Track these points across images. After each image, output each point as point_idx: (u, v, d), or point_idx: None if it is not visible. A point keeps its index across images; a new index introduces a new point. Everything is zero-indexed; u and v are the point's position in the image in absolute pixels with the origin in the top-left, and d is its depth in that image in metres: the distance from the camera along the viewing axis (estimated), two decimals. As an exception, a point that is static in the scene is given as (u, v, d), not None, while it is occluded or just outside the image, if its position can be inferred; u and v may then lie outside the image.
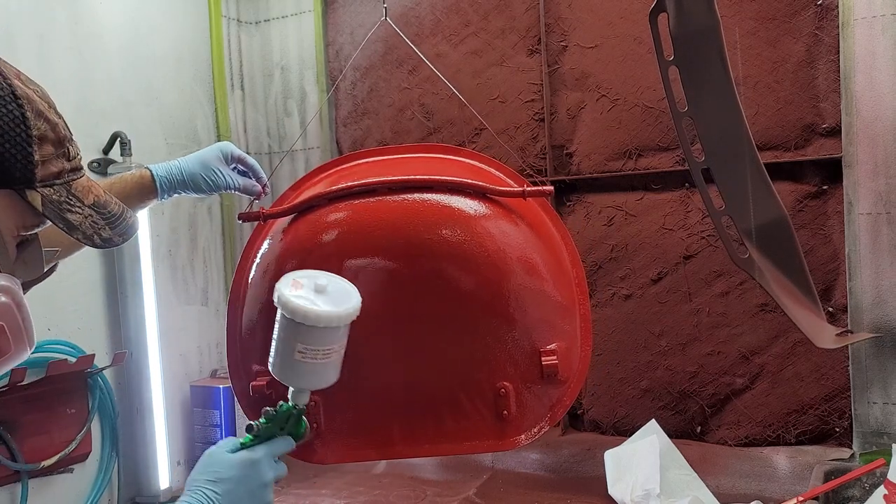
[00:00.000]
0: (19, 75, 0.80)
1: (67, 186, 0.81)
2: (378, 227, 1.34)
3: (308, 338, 0.99)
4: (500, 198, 1.32)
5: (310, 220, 1.32)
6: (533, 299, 1.30)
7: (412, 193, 1.34)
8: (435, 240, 1.30)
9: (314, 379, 1.03)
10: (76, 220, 0.82)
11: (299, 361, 1.00)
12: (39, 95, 0.81)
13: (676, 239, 2.03)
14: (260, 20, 2.59)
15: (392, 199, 1.36)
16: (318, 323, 0.97)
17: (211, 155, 1.33)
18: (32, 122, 0.77)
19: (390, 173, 1.38)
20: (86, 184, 0.85)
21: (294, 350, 0.99)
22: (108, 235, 0.86)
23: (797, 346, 1.91)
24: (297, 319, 0.97)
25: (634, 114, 2.06)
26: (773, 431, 1.96)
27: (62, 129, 0.82)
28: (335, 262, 1.28)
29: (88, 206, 0.84)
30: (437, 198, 1.33)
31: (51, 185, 0.79)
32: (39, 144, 0.78)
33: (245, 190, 1.34)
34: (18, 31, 1.84)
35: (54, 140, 0.80)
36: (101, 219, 0.85)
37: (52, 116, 0.80)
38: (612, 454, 1.90)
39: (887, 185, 1.77)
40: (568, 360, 1.31)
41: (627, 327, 2.10)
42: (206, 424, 2.18)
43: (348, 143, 2.49)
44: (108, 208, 0.87)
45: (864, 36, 1.78)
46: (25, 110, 0.77)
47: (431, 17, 2.31)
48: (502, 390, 1.29)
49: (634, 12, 2.02)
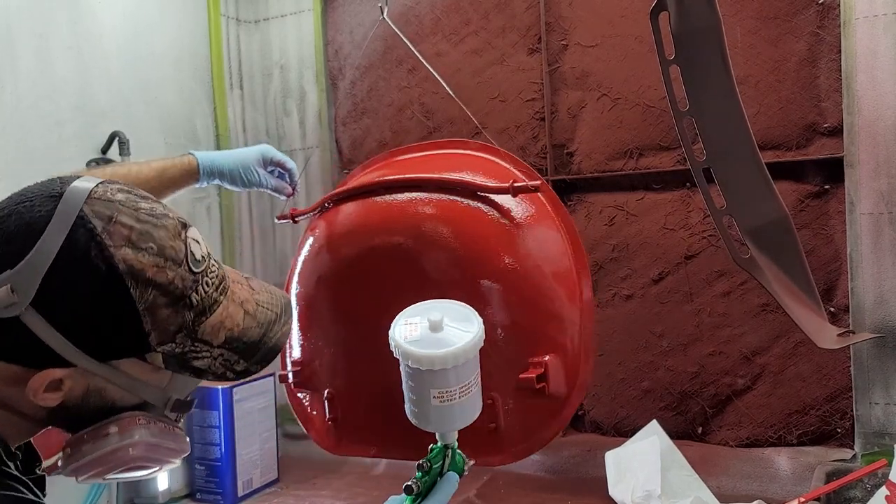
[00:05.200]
0: (130, 233, 0.71)
1: (192, 335, 0.75)
2: (370, 227, 1.38)
3: (441, 381, 0.92)
4: (494, 197, 1.30)
5: (326, 217, 1.43)
6: (520, 306, 1.25)
7: (404, 193, 1.36)
8: (420, 238, 1.31)
9: (459, 418, 0.96)
10: (204, 365, 0.77)
11: (439, 406, 0.93)
12: (154, 251, 0.72)
13: (677, 239, 2.03)
14: (259, 19, 2.58)
15: (386, 199, 1.38)
16: (446, 365, 0.90)
17: (251, 157, 1.42)
18: (138, 296, 0.70)
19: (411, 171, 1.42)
20: (219, 318, 0.77)
21: (430, 397, 0.93)
22: (242, 368, 0.80)
23: (799, 347, 1.91)
24: (423, 367, 0.90)
25: (635, 113, 2.05)
26: (774, 432, 1.95)
27: (183, 279, 0.74)
28: (341, 259, 1.33)
29: (219, 345, 0.78)
30: (427, 196, 1.34)
31: (172, 341, 0.74)
32: (150, 315, 0.72)
33: (276, 190, 1.45)
34: (18, 31, 1.83)
35: (171, 300, 0.73)
36: (235, 353, 0.79)
37: (170, 272, 0.73)
38: (612, 455, 1.89)
39: (889, 185, 1.76)
40: (560, 374, 1.24)
41: (628, 327, 2.10)
42: (205, 425, 2.17)
43: (348, 143, 2.48)
44: (244, 338, 0.80)
45: (866, 35, 1.77)
46: (129, 286, 0.70)
47: (431, 16, 2.30)
48: (489, 400, 1.26)
49: (635, 11, 2.02)
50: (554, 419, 1.26)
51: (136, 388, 0.76)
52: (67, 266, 0.69)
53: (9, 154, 1.81)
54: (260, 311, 0.82)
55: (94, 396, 0.75)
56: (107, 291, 0.70)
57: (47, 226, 0.69)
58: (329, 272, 1.44)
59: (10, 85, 1.80)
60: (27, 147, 1.85)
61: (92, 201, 0.72)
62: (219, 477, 2.14)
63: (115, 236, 0.71)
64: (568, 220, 1.30)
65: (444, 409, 0.93)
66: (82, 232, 0.70)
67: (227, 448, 2.14)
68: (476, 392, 0.96)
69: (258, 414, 2.27)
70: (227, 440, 2.15)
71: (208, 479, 2.16)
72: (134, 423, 0.76)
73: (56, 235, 0.69)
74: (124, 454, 0.76)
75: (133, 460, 0.77)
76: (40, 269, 0.68)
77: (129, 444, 0.75)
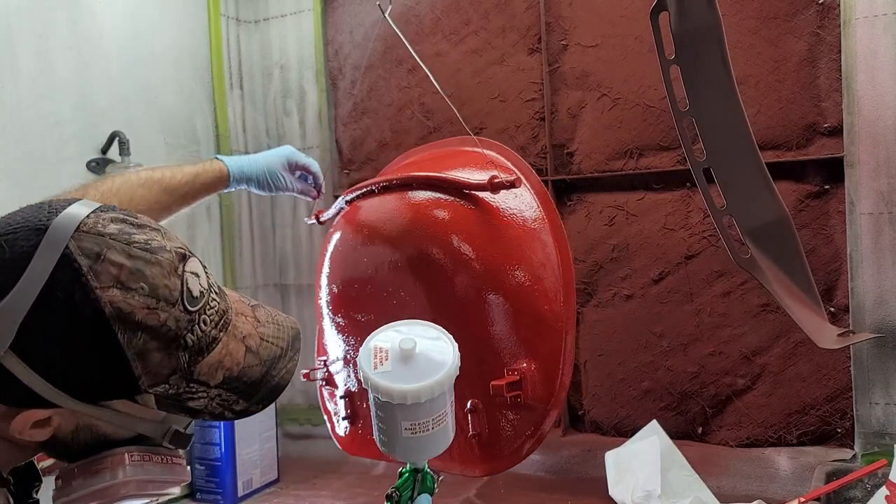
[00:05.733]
0: (120, 273, 0.66)
1: (187, 377, 0.71)
2: (366, 226, 1.38)
3: (412, 415, 0.86)
4: (479, 195, 1.28)
5: (345, 216, 1.47)
6: (498, 309, 1.21)
7: (397, 192, 1.37)
8: (408, 236, 1.32)
9: (430, 449, 0.92)
10: (200, 406, 0.74)
11: (410, 438, 0.88)
12: (146, 292, 0.67)
13: (678, 239, 2.03)
14: (259, 19, 2.58)
15: (383, 198, 1.40)
16: (418, 399, 0.85)
17: (277, 162, 1.43)
18: (126, 341, 0.66)
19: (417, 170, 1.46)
20: (217, 357, 0.73)
21: (401, 430, 0.88)
22: (241, 408, 0.76)
23: (799, 347, 1.91)
24: (393, 402, 0.85)
25: (635, 113, 2.05)
26: (774, 432, 1.95)
27: (178, 319, 0.69)
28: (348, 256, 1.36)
29: (216, 385, 0.73)
30: (415, 195, 1.34)
31: (165, 382, 0.70)
32: (140, 360, 0.68)
33: (302, 193, 1.50)
34: (18, 31, 1.83)
35: (163, 343, 0.68)
36: (234, 394, 0.75)
37: (162, 314, 0.68)
38: (612, 455, 1.89)
39: (889, 185, 1.76)
40: (537, 383, 1.18)
41: (628, 328, 2.10)
42: (205, 425, 2.17)
43: (348, 143, 2.48)
44: (244, 378, 0.75)
45: (866, 35, 1.77)
46: (116, 331, 0.65)
47: (431, 16, 2.30)
48: (470, 406, 1.24)
49: (635, 11, 2.02)
50: (531, 429, 1.20)
51: (129, 424, 0.73)
52: (49, 309, 0.64)
53: (9, 154, 1.81)
54: (263, 348, 0.77)
55: (85, 432, 0.72)
56: (92, 337, 0.65)
57: (29, 263, 0.64)
58: (338, 271, 1.46)
59: (10, 85, 1.80)
60: (27, 147, 1.85)
61: (80, 236, 0.66)
62: (219, 477, 2.15)
63: (103, 276, 0.66)
64: (557, 223, 1.25)
65: (415, 441, 0.88)
66: (67, 271, 0.65)
67: (227, 448, 2.15)
68: (450, 420, 0.91)
69: (258, 414, 2.26)
70: (227, 440, 2.15)
71: (208, 479, 2.16)
72: (123, 460, 0.73)
73: (38, 275, 0.64)
74: (115, 492, 0.73)
75: (124, 497, 0.74)
76: (20, 310, 0.63)
77: (119, 483, 0.72)
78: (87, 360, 0.67)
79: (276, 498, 2.18)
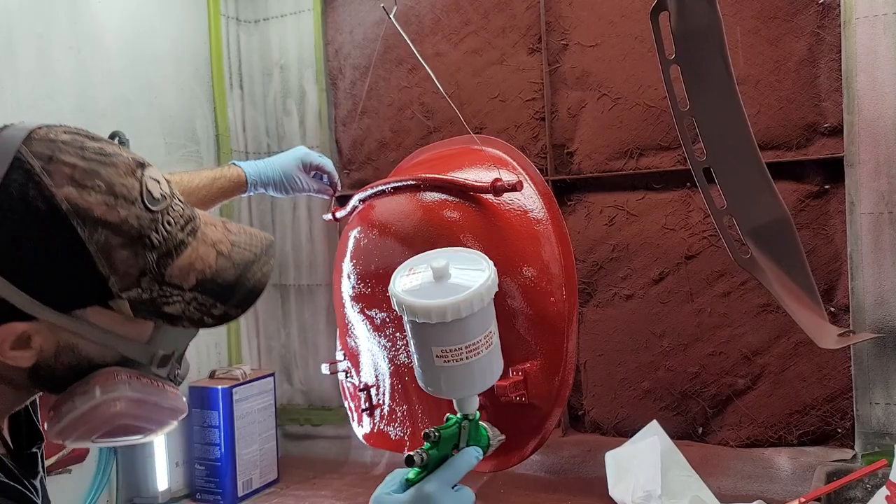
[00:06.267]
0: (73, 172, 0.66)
1: (159, 279, 0.70)
2: (381, 225, 1.39)
3: (442, 338, 0.81)
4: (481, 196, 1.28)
5: (360, 214, 1.49)
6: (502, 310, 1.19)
7: (408, 192, 1.37)
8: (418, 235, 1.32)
9: (469, 382, 0.85)
10: (177, 311, 0.72)
11: (443, 367, 0.83)
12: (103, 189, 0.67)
13: (678, 239, 2.02)
14: (259, 19, 2.58)
15: (395, 197, 1.40)
16: (444, 318, 0.79)
17: (292, 165, 1.45)
18: (87, 236, 0.65)
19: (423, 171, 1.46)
20: (187, 260, 0.72)
21: (432, 356, 0.82)
22: (220, 312, 0.74)
23: (799, 347, 1.91)
24: (419, 320, 0.80)
25: (635, 113, 2.05)
26: (774, 432, 1.95)
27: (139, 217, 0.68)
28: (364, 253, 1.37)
29: (191, 289, 0.72)
30: (425, 196, 1.35)
31: (137, 286, 0.69)
32: (104, 256, 0.66)
33: (318, 192, 1.51)
34: (18, 31, 1.83)
35: (126, 240, 0.67)
36: (210, 296, 0.73)
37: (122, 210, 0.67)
38: (612, 455, 1.89)
39: (889, 185, 1.76)
40: (540, 383, 1.18)
41: (629, 328, 2.10)
42: (205, 425, 2.17)
43: (348, 143, 2.48)
44: (218, 280, 0.74)
45: (866, 35, 1.77)
46: (74, 225, 0.65)
47: (431, 16, 2.30)
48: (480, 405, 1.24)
49: (635, 11, 2.02)
50: (535, 428, 1.20)
51: (110, 342, 0.71)
52: (6, 210, 0.64)
53: (9, 154, 1.81)
54: (236, 252, 0.76)
55: (68, 354, 0.70)
56: (51, 233, 0.65)
57: None
58: (355, 266, 1.47)
59: (10, 85, 1.80)
60: (27, 147, 1.85)
61: (30, 141, 0.66)
62: (219, 477, 2.15)
63: (56, 175, 0.65)
64: (560, 224, 1.25)
65: (450, 371, 0.82)
66: (20, 173, 0.65)
67: (227, 448, 2.15)
68: (487, 353, 0.84)
69: (258, 414, 2.27)
70: (227, 440, 2.15)
71: (208, 479, 2.16)
72: (112, 378, 0.71)
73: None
74: (106, 410, 0.71)
75: (117, 417, 0.72)
76: None
77: (110, 399, 0.70)
78: (51, 259, 0.66)
79: (276, 498, 2.18)
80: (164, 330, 0.74)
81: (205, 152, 2.39)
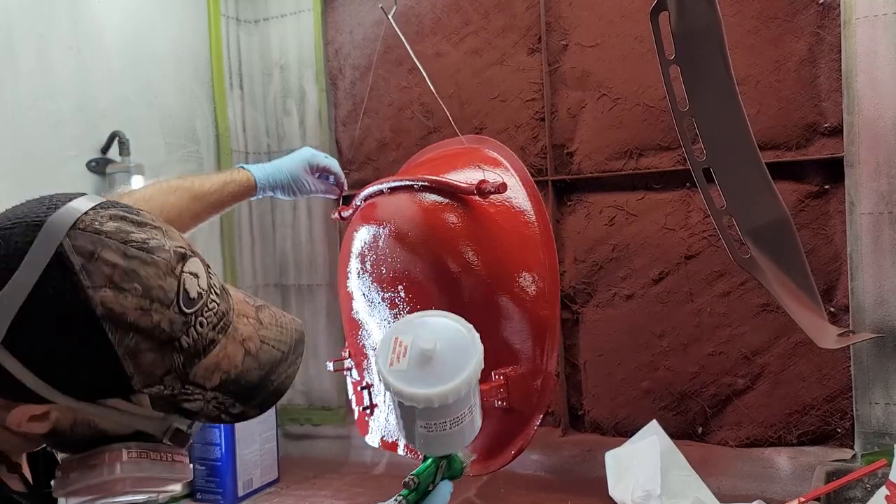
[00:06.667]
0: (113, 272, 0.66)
1: (183, 378, 0.70)
2: (380, 224, 1.40)
3: (427, 416, 0.83)
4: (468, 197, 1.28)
5: (362, 213, 1.49)
6: (485, 313, 1.19)
7: (405, 192, 1.38)
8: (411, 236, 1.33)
9: (450, 445, 0.87)
10: (196, 408, 0.72)
11: (426, 435, 0.85)
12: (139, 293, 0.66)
13: (678, 239, 2.03)
14: (259, 19, 2.58)
15: (392, 197, 1.41)
16: (431, 405, 0.81)
17: (299, 166, 1.45)
18: (117, 341, 0.65)
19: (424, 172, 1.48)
20: (214, 359, 0.72)
21: (417, 426, 0.85)
22: (238, 412, 0.74)
23: (798, 347, 1.91)
24: (406, 403, 0.82)
25: (635, 113, 2.05)
26: (774, 432, 1.95)
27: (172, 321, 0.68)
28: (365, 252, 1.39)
29: (213, 388, 0.72)
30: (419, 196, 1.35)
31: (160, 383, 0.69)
32: (131, 359, 0.67)
33: (325, 193, 1.53)
34: (18, 31, 1.83)
35: (156, 344, 0.67)
36: (231, 397, 0.73)
37: (156, 315, 0.67)
38: (612, 455, 1.89)
39: (889, 185, 1.76)
40: (521, 388, 1.18)
41: (628, 328, 2.10)
42: (205, 425, 2.17)
43: (347, 143, 2.48)
44: (242, 381, 0.74)
45: (866, 35, 1.77)
46: (106, 330, 0.65)
47: (431, 16, 2.30)
48: None
49: (635, 11, 2.02)
50: (516, 433, 1.19)
51: (127, 421, 0.72)
52: (41, 306, 0.64)
53: (9, 154, 1.81)
54: (264, 351, 0.76)
55: (84, 427, 0.72)
56: (82, 336, 0.65)
57: (23, 260, 0.64)
58: (357, 265, 1.47)
59: (10, 85, 1.80)
60: (27, 147, 1.85)
61: (75, 234, 0.66)
62: (219, 477, 2.15)
63: (96, 275, 0.65)
64: (546, 228, 1.23)
65: (433, 438, 0.85)
66: (59, 269, 0.64)
67: (227, 448, 2.15)
68: (468, 421, 0.86)
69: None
70: (227, 440, 2.15)
71: (208, 479, 2.16)
72: (120, 457, 0.72)
73: (31, 271, 0.64)
74: (110, 488, 0.72)
75: (122, 493, 0.73)
76: (12, 307, 0.63)
77: (115, 480, 0.72)
78: (78, 359, 0.66)
79: (276, 498, 2.18)
80: None
81: (205, 152, 2.39)
